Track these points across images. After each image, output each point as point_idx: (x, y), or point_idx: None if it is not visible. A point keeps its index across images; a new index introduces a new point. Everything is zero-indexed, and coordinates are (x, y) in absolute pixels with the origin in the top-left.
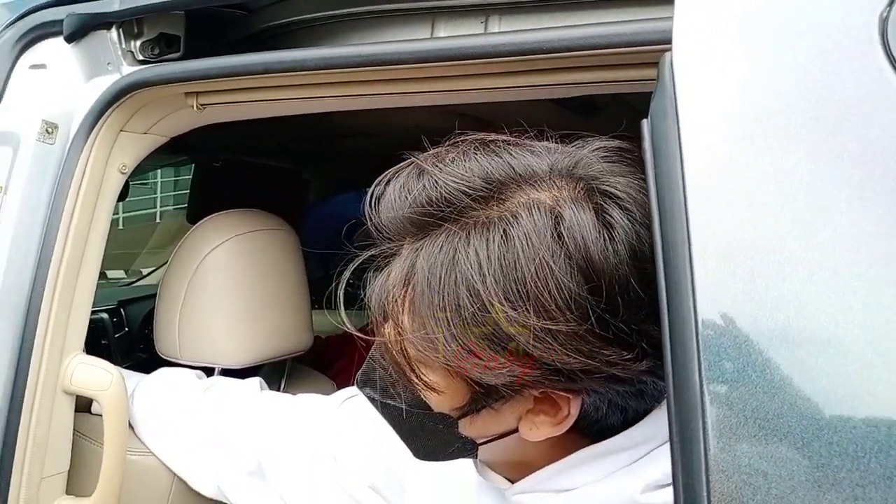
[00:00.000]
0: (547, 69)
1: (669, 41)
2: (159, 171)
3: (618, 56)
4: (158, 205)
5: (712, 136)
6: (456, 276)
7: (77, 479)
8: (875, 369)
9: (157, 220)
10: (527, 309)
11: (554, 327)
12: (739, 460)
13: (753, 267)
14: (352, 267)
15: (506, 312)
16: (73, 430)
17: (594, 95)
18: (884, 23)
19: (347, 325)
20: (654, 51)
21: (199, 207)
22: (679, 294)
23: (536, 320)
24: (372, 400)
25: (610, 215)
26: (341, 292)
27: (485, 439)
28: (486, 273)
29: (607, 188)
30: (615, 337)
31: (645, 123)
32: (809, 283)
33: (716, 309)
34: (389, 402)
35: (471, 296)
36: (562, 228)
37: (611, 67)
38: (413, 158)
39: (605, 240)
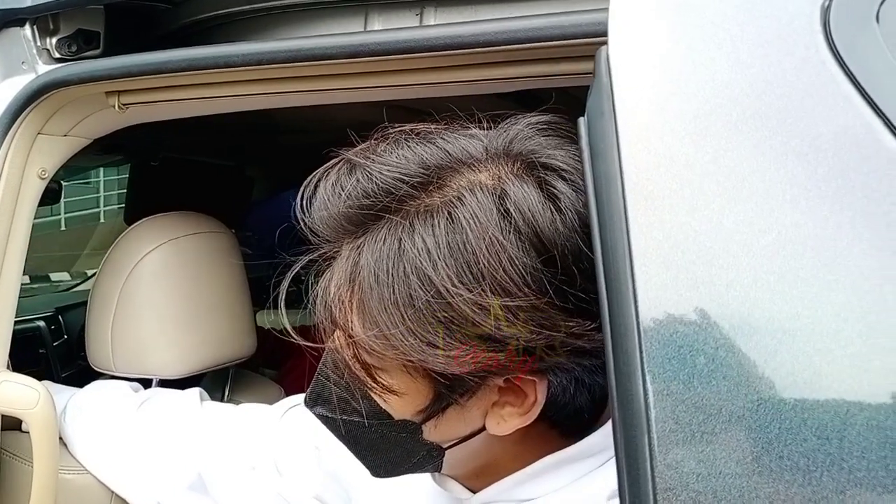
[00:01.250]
0: (484, 63)
1: (606, 33)
2: (101, 169)
3: (556, 49)
4: (102, 204)
5: (651, 135)
6: (404, 267)
7: (8, 500)
8: (824, 379)
9: (101, 220)
10: (483, 289)
11: (513, 303)
12: (687, 477)
13: (696, 273)
14: (290, 274)
15: (462, 295)
16: (1, 449)
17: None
18: (826, 13)
19: (294, 335)
20: (592, 43)
21: (136, 209)
22: (620, 302)
23: (495, 299)
24: (325, 419)
25: (553, 187)
26: (282, 301)
27: (451, 443)
28: (437, 258)
29: (546, 161)
30: (576, 307)
31: (582, 122)
32: (754, 290)
33: (658, 318)
34: (345, 417)
35: (423, 284)
36: (508, 205)
37: (549, 61)
38: (343, 155)
39: (552, 211)
